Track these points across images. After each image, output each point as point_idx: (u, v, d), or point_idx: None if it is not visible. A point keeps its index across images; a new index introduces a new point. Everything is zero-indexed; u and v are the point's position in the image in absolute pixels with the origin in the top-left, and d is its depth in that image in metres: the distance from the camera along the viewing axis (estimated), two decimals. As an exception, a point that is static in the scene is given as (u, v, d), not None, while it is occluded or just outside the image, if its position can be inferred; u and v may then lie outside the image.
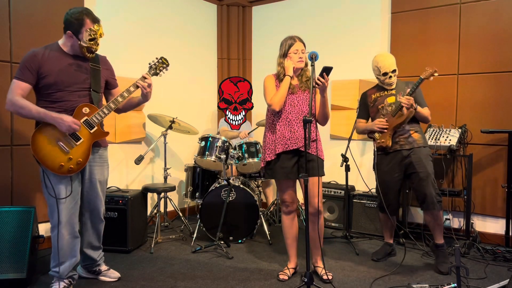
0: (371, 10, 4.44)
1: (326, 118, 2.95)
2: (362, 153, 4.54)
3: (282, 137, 2.88)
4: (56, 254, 2.58)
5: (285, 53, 2.92)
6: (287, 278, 2.95)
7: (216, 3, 5.30)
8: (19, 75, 2.49)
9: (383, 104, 3.28)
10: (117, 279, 2.90)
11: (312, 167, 2.86)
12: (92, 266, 2.90)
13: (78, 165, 2.55)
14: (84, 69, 2.62)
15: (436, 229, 3.16)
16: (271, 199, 4.63)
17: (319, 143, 2.94)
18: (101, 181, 2.79)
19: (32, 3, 3.40)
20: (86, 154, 2.59)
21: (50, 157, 2.48)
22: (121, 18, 4.19)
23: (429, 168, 3.15)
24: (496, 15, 3.75)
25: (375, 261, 3.37)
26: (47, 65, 2.50)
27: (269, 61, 5.21)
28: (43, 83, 2.50)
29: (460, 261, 2.29)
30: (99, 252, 2.91)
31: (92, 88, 2.63)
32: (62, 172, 2.51)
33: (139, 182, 4.41)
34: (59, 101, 2.53)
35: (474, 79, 3.88)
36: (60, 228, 2.56)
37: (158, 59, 2.80)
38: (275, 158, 2.91)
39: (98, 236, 2.87)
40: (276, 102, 2.85)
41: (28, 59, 2.49)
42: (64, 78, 2.53)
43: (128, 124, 4.19)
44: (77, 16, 2.48)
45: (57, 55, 2.54)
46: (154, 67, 2.78)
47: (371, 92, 3.41)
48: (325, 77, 2.72)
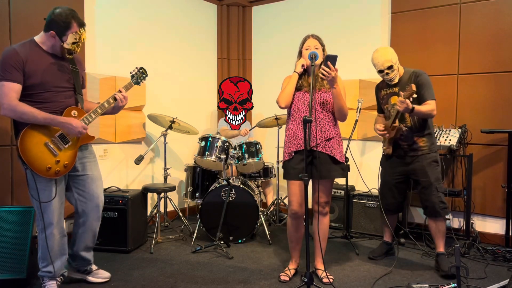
0: (371, 10, 4.44)
1: (342, 112, 2.83)
2: (362, 153, 4.55)
3: (295, 137, 2.85)
4: (47, 255, 2.55)
5: (300, 51, 2.90)
6: (288, 280, 2.94)
7: (216, 3, 5.30)
8: (8, 76, 2.33)
9: (387, 105, 3.24)
10: (108, 279, 2.87)
11: (325, 169, 2.81)
12: (84, 266, 2.85)
13: (65, 168, 2.52)
14: (66, 68, 2.56)
15: (437, 237, 3.15)
16: (271, 199, 4.62)
17: (337, 142, 2.87)
18: (98, 176, 2.77)
19: (32, 3, 3.40)
20: (73, 157, 2.56)
21: (38, 159, 2.41)
22: (121, 18, 4.19)
23: (432, 177, 3.07)
24: (496, 15, 3.75)
25: (371, 259, 3.38)
26: (30, 64, 2.39)
27: (269, 61, 5.27)
28: (29, 83, 2.39)
29: (460, 261, 2.29)
30: (92, 253, 2.88)
31: (77, 91, 2.61)
32: (49, 175, 2.45)
33: (139, 182, 4.41)
34: (46, 101, 2.45)
35: (474, 79, 3.88)
36: (51, 229, 2.54)
37: (138, 69, 2.86)
38: (290, 158, 2.87)
39: (94, 237, 2.83)
40: (281, 99, 2.83)
41: (12, 58, 2.34)
42: (49, 78, 2.46)
43: (128, 124, 4.19)
44: (65, 18, 2.40)
45: (38, 54, 2.45)
46: (136, 77, 2.85)
47: (381, 86, 3.33)
48: (330, 67, 2.63)
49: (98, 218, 2.80)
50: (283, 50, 5.02)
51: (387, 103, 3.25)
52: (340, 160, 2.87)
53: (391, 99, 3.21)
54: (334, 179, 2.94)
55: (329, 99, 2.85)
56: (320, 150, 2.81)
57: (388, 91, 3.24)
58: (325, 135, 2.82)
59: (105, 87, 3.94)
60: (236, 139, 4.58)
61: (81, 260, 2.83)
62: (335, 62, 2.64)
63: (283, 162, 2.94)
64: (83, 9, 3.73)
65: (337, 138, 2.88)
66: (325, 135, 2.83)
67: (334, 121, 2.89)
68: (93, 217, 2.76)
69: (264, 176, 4.39)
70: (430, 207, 3.09)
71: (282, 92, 2.85)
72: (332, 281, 2.89)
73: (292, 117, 2.89)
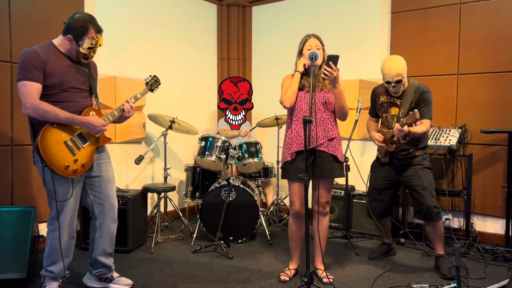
0: (371, 10, 4.45)
1: (343, 112, 2.84)
2: (362, 153, 4.55)
3: (298, 136, 2.84)
4: (53, 255, 2.56)
5: (300, 51, 2.89)
6: (288, 280, 2.94)
7: (216, 3, 5.30)
8: (29, 76, 2.37)
9: (387, 114, 3.19)
10: (130, 286, 2.81)
11: (328, 168, 2.82)
12: (106, 273, 2.80)
13: (83, 167, 2.53)
14: (82, 71, 2.61)
15: (436, 240, 3.14)
16: (271, 199, 4.63)
17: (338, 142, 2.88)
18: (112, 177, 2.77)
19: (32, 3, 3.40)
20: (90, 157, 2.58)
21: (57, 157, 2.42)
22: (121, 18, 4.19)
23: (426, 181, 3.06)
24: (496, 15, 3.75)
25: (371, 259, 3.39)
26: (50, 64, 2.44)
27: (269, 61, 5.27)
28: (48, 83, 2.44)
29: (460, 261, 2.29)
30: (112, 259, 2.84)
31: (94, 94, 2.66)
32: (67, 174, 2.46)
33: (139, 182, 4.41)
34: (65, 101, 2.49)
35: (474, 79, 3.88)
36: (61, 230, 2.54)
37: (152, 77, 2.92)
38: (292, 159, 2.86)
39: (112, 241, 2.79)
40: (286, 99, 2.82)
41: (33, 57, 2.39)
42: (67, 78, 2.51)
43: (128, 124, 4.17)
44: (83, 23, 2.45)
45: (56, 55, 2.51)
46: (150, 84, 2.91)
47: (380, 91, 3.25)
48: (332, 67, 2.64)
49: (115, 220, 2.78)
50: (283, 50, 5.02)
51: (386, 112, 3.20)
52: (341, 159, 2.88)
53: (391, 109, 3.16)
54: (334, 178, 2.94)
55: (331, 99, 2.85)
56: (323, 150, 2.82)
57: (389, 100, 3.17)
58: (328, 135, 2.83)
59: (105, 87, 3.94)
60: (236, 139, 4.58)
61: (101, 266, 2.78)
62: (337, 62, 2.65)
63: (284, 162, 2.92)
64: (83, 9, 3.74)
65: (338, 138, 2.90)
66: (328, 135, 2.83)
67: (335, 121, 2.91)
68: (109, 219, 2.74)
69: (264, 176, 4.39)
70: (424, 211, 3.06)
71: (286, 92, 2.83)
72: (332, 281, 2.89)
73: (295, 117, 2.88)
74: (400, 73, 2.99)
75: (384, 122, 3.23)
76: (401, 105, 3.09)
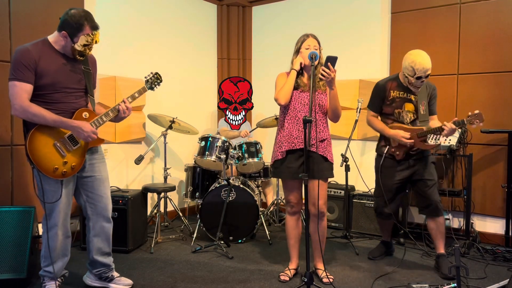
0: (371, 10, 4.44)
1: (337, 113, 2.85)
2: (362, 153, 4.55)
3: (290, 136, 2.85)
4: (49, 255, 2.54)
5: (297, 50, 2.88)
6: (288, 280, 2.94)
7: (216, 3, 5.30)
8: (20, 76, 2.31)
9: (401, 110, 3.13)
10: (130, 286, 2.80)
11: (318, 169, 2.81)
12: (105, 272, 2.79)
13: (72, 170, 2.50)
14: (78, 69, 2.54)
15: (438, 238, 3.14)
16: (271, 199, 4.63)
17: (329, 143, 2.90)
18: (106, 178, 2.73)
19: (32, 3, 3.40)
20: (81, 160, 2.54)
21: (45, 159, 2.39)
22: (121, 18, 4.19)
23: (435, 176, 3.14)
24: (496, 15, 3.75)
25: (371, 259, 3.39)
26: (42, 63, 2.37)
27: (269, 61, 5.27)
28: (40, 83, 2.38)
29: (460, 261, 2.28)
30: (111, 258, 2.82)
31: (89, 93, 2.59)
32: (56, 176, 2.43)
33: (139, 182, 4.41)
34: (56, 102, 2.44)
35: (474, 79, 3.88)
36: (55, 230, 2.53)
37: (153, 74, 2.79)
38: (282, 158, 2.87)
39: (107, 240, 2.77)
40: (281, 96, 2.81)
41: (25, 57, 2.32)
42: (61, 78, 2.44)
43: (128, 124, 4.19)
44: (77, 20, 2.38)
45: (50, 53, 2.43)
46: (150, 82, 2.79)
47: (390, 86, 3.15)
48: (330, 68, 2.64)
49: (109, 220, 2.75)
50: (283, 50, 4.98)
51: (399, 108, 3.13)
52: (331, 161, 2.90)
53: (406, 105, 3.11)
54: (326, 179, 2.92)
55: (324, 101, 2.87)
56: (314, 150, 2.82)
57: (403, 95, 3.11)
58: (319, 136, 2.84)
59: (105, 87, 3.95)
60: (236, 139, 4.58)
61: (100, 266, 2.77)
62: (335, 63, 2.65)
63: (275, 161, 2.93)
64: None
65: (329, 139, 2.92)
66: (320, 136, 2.85)
67: (327, 122, 2.94)
68: (103, 219, 2.72)
69: (264, 176, 4.39)
70: (434, 205, 3.08)
71: (282, 90, 2.82)
72: (332, 281, 2.89)
73: (288, 116, 2.88)
74: (430, 67, 2.97)
75: (396, 118, 3.16)
76: (418, 101, 3.07)
